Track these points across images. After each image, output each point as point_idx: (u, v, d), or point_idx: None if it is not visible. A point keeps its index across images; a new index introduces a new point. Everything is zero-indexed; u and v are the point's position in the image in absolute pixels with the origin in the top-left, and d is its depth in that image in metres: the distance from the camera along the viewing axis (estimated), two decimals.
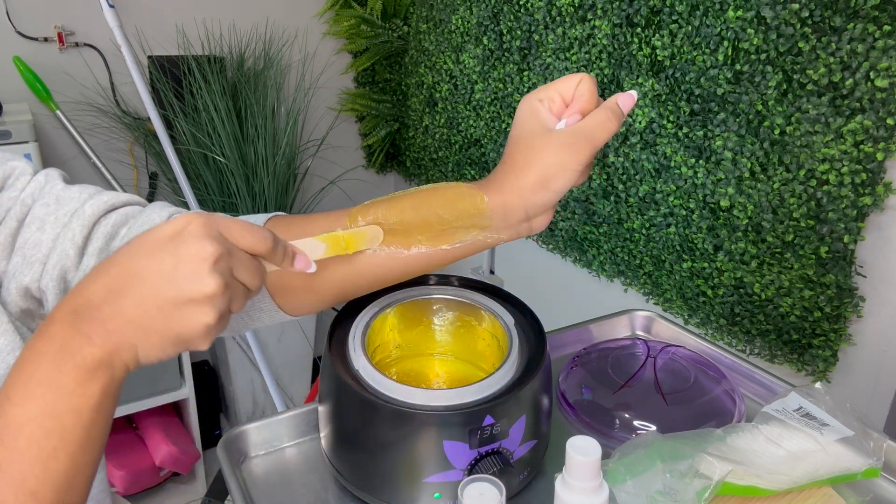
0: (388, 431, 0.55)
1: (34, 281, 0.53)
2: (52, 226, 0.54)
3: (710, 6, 1.06)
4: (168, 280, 0.41)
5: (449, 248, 0.55)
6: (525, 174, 0.52)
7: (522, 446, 0.59)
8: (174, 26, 1.85)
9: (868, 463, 0.62)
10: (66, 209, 0.55)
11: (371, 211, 0.55)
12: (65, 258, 0.53)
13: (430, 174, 2.00)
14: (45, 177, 0.56)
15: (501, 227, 0.54)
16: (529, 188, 0.52)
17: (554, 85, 0.54)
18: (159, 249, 0.42)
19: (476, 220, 0.54)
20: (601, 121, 0.52)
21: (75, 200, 0.56)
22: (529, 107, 0.54)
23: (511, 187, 0.53)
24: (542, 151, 0.52)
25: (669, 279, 1.27)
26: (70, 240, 0.53)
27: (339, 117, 2.18)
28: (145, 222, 0.56)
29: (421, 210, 0.55)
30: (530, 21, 1.45)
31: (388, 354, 0.70)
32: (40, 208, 0.54)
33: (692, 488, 0.55)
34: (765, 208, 1.05)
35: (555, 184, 0.52)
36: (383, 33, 2.01)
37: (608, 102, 0.53)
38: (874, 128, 0.89)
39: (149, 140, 1.86)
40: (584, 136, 0.51)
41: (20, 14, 1.67)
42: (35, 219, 0.54)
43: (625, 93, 0.54)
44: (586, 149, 0.51)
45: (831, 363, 1.03)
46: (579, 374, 0.78)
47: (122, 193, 0.59)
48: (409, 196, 0.56)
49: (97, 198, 0.56)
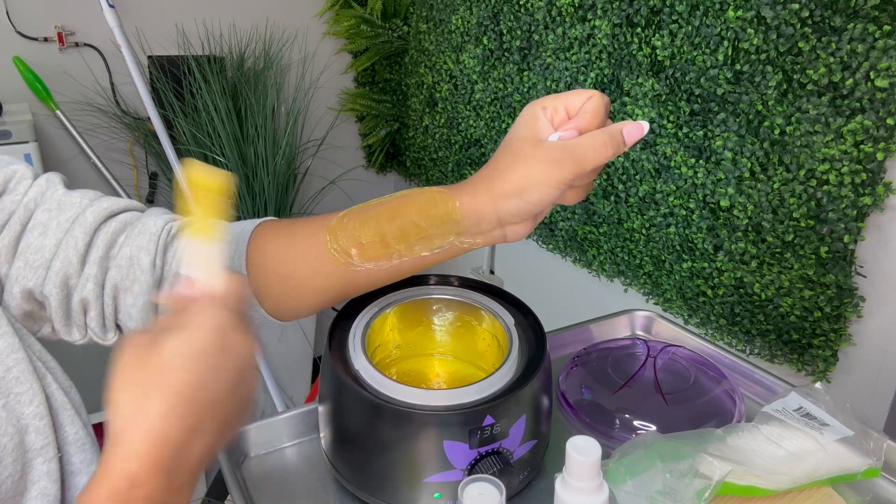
0: (388, 431, 0.55)
1: (37, 285, 0.54)
2: (54, 231, 0.54)
3: (710, 6, 1.06)
4: (237, 387, 0.42)
5: (429, 255, 0.55)
6: (501, 180, 0.51)
7: (522, 446, 0.59)
8: (174, 26, 1.85)
9: (868, 463, 0.62)
10: (67, 215, 0.55)
11: (349, 227, 0.55)
12: (67, 265, 0.54)
13: (430, 174, 2.00)
14: (46, 181, 0.57)
15: (474, 232, 0.53)
16: (502, 195, 0.51)
17: (562, 95, 0.52)
18: (216, 368, 0.41)
19: (450, 227, 0.53)
20: (596, 144, 0.49)
21: (76, 206, 0.56)
22: (531, 112, 0.52)
23: (484, 192, 0.52)
24: (525, 160, 0.50)
25: (669, 279, 1.27)
26: (73, 247, 0.54)
27: (339, 117, 2.18)
28: (142, 231, 0.56)
29: (396, 220, 0.54)
30: (530, 21, 1.45)
31: (388, 354, 0.70)
32: (42, 213, 0.55)
33: (692, 488, 0.55)
34: (765, 208, 1.05)
35: (529, 195, 0.50)
36: (383, 33, 2.01)
37: (612, 128, 0.51)
38: (874, 128, 0.89)
39: (149, 140, 1.86)
40: (572, 155, 0.49)
41: (20, 14, 1.67)
42: (38, 224, 0.54)
43: (635, 122, 0.51)
44: (570, 168, 0.49)
45: (831, 363, 1.03)
46: (579, 374, 0.78)
47: (121, 199, 0.59)
48: (383, 205, 0.55)
49: (97, 204, 0.56)
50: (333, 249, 0.55)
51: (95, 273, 0.54)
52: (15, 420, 0.48)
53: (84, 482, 0.51)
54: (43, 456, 0.49)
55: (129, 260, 0.55)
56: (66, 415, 0.52)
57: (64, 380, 0.54)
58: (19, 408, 0.48)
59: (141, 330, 0.48)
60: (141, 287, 0.55)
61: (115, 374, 0.40)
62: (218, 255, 0.45)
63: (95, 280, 0.54)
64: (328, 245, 0.55)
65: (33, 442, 0.49)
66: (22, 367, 0.49)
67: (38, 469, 0.49)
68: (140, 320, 0.56)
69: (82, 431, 0.53)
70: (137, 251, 0.55)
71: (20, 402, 0.48)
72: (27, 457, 0.48)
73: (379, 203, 0.55)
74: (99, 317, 0.56)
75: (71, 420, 0.52)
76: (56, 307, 0.54)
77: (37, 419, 0.49)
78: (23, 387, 0.49)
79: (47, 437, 0.49)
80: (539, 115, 0.52)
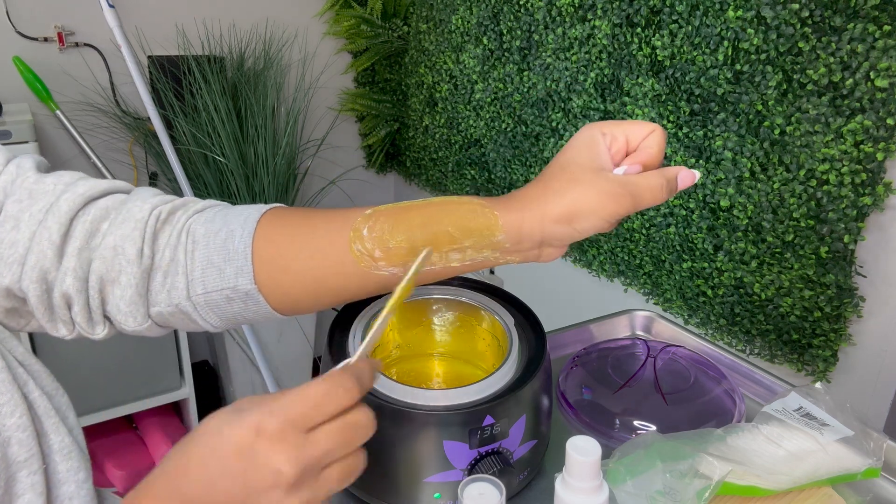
0: (388, 431, 0.55)
1: (14, 282, 0.50)
2: (27, 223, 0.50)
3: (710, 6, 1.06)
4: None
5: (458, 266, 0.52)
6: (554, 202, 0.49)
7: (522, 446, 0.59)
8: (174, 26, 1.85)
9: (868, 463, 0.62)
10: (40, 205, 0.51)
11: (376, 228, 0.51)
12: (43, 259, 0.50)
13: (430, 174, 2.00)
14: (16, 167, 0.52)
15: (512, 249, 0.51)
16: (552, 217, 0.49)
17: (623, 124, 0.51)
18: (223, 476, 0.38)
19: (488, 241, 0.50)
20: (654, 186, 0.49)
21: (49, 194, 0.52)
22: (590, 136, 0.50)
23: (534, 210, 0.49)
24: (584, 187, 0.48)
25: (669, 279, 1.27)
26: (47, 239, 0.50)
27: (339, 117, 2.18)
28: (126, 217, 0.52)
29: (430, 227, 0.50)
30: (530, 21, 1.45)
31: (388, 354, 0.70)
32: (13, 204, 0.51)
33: (692, 488, 0.55)
34: (765, 208, 1.05)
35: (580, 223, 0.48)
36: (383, 33, 2.01)
37: (669, 172, 0.50)
38: (874, 128, 0.89)
39: (149, 140, 1.86)
40: (632, 193, 0.48)
41: (20, 14, 1.67)
42: (9, 216, 0.50)
43: (689, 171, 0.50)
44: (627, 205, 0.48)
45: (831, 363, 1.03)
46: (579, 374, 0.78)
47: (102, 181, 0.54)
48: (416, 210, 0.51)
49: (73, 190, 0.52)
50: (357, 250, 0.51)
51: (74, 266, 0.50)
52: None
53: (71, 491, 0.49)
54: (27, 468, 0.46)
55: (114, 250, 0.51)
56: (51, 422, 0.49)
57: (49, 383, 0.51)
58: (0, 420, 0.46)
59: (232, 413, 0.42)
60: (128, 278, 0.51)
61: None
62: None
63: (75, 273, 0.51)
64: (351, 245, 0.51)
65: (16, 454, 0.46)
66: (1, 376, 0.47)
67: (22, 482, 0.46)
68: (129, 313, 0.52)
69: (68, 438, 0.50)
70: (122, 240, 0.51)
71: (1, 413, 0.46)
72: (10, 470, 0.46)
73: (411, 207, 0.52)
74: (84, 310, 0.52)
75: (55, 427, 0.49)
76: (36, 303, 0.51)
77: (19, 431, 0.46)
78: (3, 398, 0.46)
79: (31, 449, 0.46)
80: (598, 141, 0.50)
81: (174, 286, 0.52)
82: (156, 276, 0.53)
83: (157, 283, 0.53)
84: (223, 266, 0.52)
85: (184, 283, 0.52)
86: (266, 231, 0.53)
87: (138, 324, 0.53)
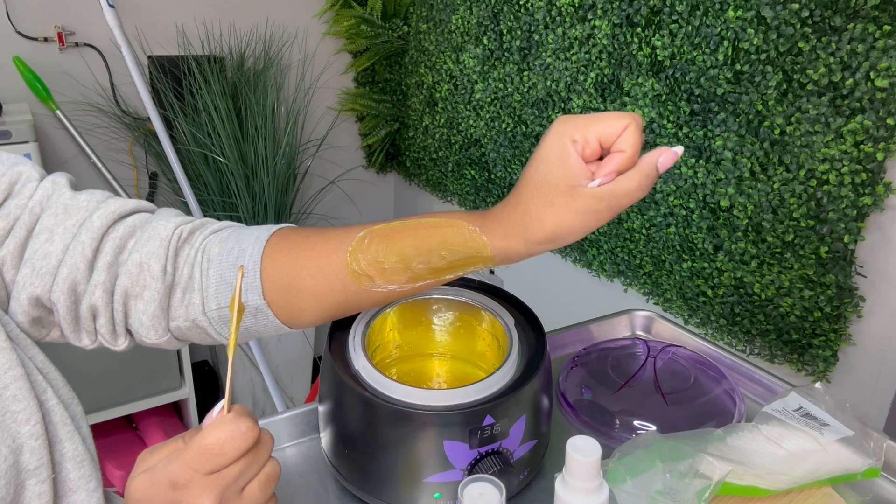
0: (388, 431, 0.55)
1: (45, 292, 0.53)
2: (60, 237, 0.53)
3: (710, 6, 1.06)
4: None
5: (451, 278, 0.56)
6: (535, 228, 0.49)
7: (522, 446, 0.58)
8: (174, 26, 1.85)
9: (868, 463, 0.62)
10: (74, 219, 0.54)
11: (371, 249, 0.54)
12: (75, 271, 0.53)
13: (430, 174, 2.00)
14: (52, 184, 0.55)
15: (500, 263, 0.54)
16: (536, 241, 0.50)
17: (594, 124, 0.48)
18: None
19: (478, 261, 0.53)
20: (632, 188, 0.48)
21: (83, 210, 0.55)
22: (560, 146, 0.49)
23: (517, 236, 0.51)
24: (561, 211, 0.48)
25: (669, 279, 1.27)
26: (80, 253, 0.53)
27: (339, 117, 2.18)
28: (152, 235, 0.56)
29: (420, 248, 0.53)
30: (530, 21, 1.45)
31: (388, 354, 0.70)
32: (49, 218, 0.53)
33: (692, 488, 0.55)
34: (765, 208, 1.05)
35: (564, 241, 0.50)
36: (383, 33, 2.01)
37: (646, 164, 0.48)
38: (874, 128, 0.89)
39: (149, 140, 1.86)
40: (609, 205, 0.48)
41: (20, 14, 1.67)
42: (44, 229, 0.53)
43: (669, 150, 0.48)
44: (606, 216, 0.48)
45: (831, 363, 1.03)
46: (579, 374, 0.78)
47: (130, 200, 0.58)
48: (407, 231, 0.54)
49: (105, 207, 0.55)
50: (354, 271, 0.54)
51: (104, 280, 0.53)
52: (10, 440, 0.46)
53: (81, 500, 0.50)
54: (36, 477, 0.47)
55: (140, 266, 0.55)
56: (66, 430, 0.50)
57: (65, 392, 0.52)
58: (15, 427, 0.47)
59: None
60: (151, 294, 0.55)
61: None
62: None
63: (104, 287, 0.53)
64: (349, 266, 0.54)
65: (27, 462, 0.47)
66: (20, 384, 0.48)
67: (30, 490, 0.47)
68: (151, 327, 0.55)
69: (81, 447, 0.51)
70: (148, 257, 0.55)
71: (16, 420, 0.47)
72: (20, 478, 0.47)
73: (402, 227, 0.54)
74: (109, 323, 0.55)
75: (70, 436, 0.50)
76: (64, 314, 0.53)
77: (32, 439, 0.47)
78: (20, 405, 0.47)
79: (42, 458, 0.48)
80: (570, 153, 0.48)
81: (191, 302, 0.56)
82: (175, 293, 0.56)
83: (176, 298, 0.56)
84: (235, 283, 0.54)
85: (199, 299, 0.56)
86: (273, 251, 0.57)
87: (158, 336, 0.56)
